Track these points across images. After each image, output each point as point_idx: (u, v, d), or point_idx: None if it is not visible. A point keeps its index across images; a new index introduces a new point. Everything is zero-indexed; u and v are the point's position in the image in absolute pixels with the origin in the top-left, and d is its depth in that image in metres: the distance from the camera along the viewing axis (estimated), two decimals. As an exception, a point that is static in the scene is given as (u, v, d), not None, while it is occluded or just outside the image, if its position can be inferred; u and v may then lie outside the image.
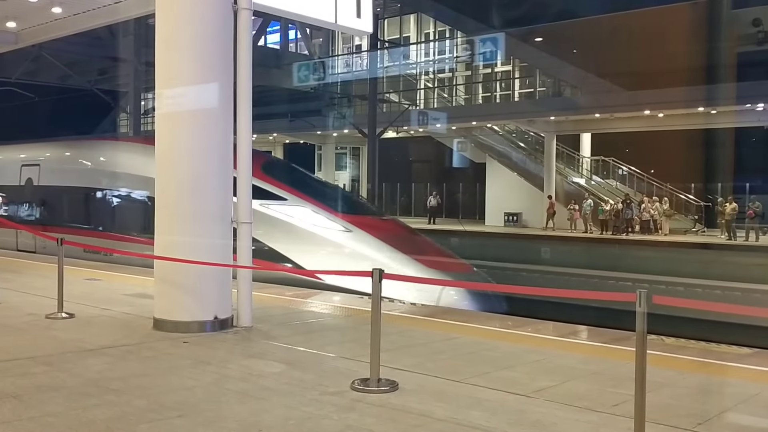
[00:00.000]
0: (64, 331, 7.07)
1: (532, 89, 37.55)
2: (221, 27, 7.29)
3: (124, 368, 5.66)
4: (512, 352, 6.42)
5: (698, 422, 4.50)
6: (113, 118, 34.58)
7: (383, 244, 11.98)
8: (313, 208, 12.48)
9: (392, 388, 5.11)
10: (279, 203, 12.29)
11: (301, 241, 11.93)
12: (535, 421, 4.46)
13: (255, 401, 4.80)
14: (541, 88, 36.80)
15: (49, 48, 22.74)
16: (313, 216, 12.33)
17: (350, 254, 11.77)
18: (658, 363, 5.83)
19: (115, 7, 11.61)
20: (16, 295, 9.29)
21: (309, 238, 11.96)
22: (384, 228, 13.10)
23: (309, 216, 12.30)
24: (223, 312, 7.30)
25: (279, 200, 12.34)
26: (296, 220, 12.17)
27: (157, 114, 7.47)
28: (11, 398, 4.74)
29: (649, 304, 3.98)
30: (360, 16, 10.19)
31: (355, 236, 12.09)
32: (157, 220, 7.39)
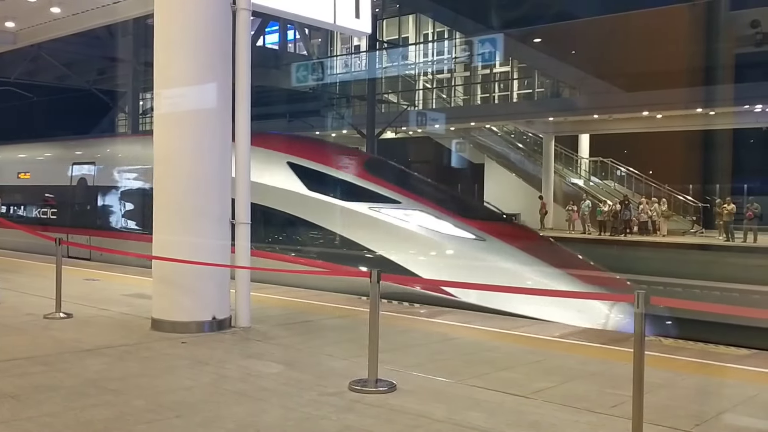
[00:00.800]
0: (62, 331, 7.06)
1: (531, 90, 37.59)
2: (220, 27, 7.28)
3: (122, 368, 5.65)
4: (511, 353, 6.42)
5: (696, 423, 4.50)
6: (112, 118, 34.57)
7: (528, 256, 10.30)
8: (435, 212, 10.84)
9: (390, 388, 5.11)
10: (391, 207, 10.85)
11: (424, 250, 10.34)
12: (534, 422, 4.46)
13: (253, 402, 4.80)
14: (539, 89, 36.84)
15: (47, 48, 22.72)
16: (436, 222, 10.65)
17: (490, 268, 9.83)
18: (657, 364, 5.83)
19: (114, 7, 11.61)
20: (15, 295, 9.28)
21: (433, 248, 10.35)
22: (522, 236, 11.55)
23: (431, 222, 10.64)
24: (221, 312, 7.29)
25: (390, 203, 10.93)
26: (416, 227, 10.56)
27: (156, 114, 7.47)
28: (9, 398, 4.74)
29: (647, 305, 3.99)
30: (359, 17, 10.19)
31: (491, 246, 10.38)
32: (156, 220, 7.38)
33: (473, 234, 10.43)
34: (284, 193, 11.46)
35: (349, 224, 10.89)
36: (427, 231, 10.47)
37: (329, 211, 11.14)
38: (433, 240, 10.40)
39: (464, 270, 9.77)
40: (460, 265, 10.02)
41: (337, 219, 11.06)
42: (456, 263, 10.15)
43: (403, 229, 10.54)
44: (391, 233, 10.56)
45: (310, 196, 11.33)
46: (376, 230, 10.52)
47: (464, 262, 10.07)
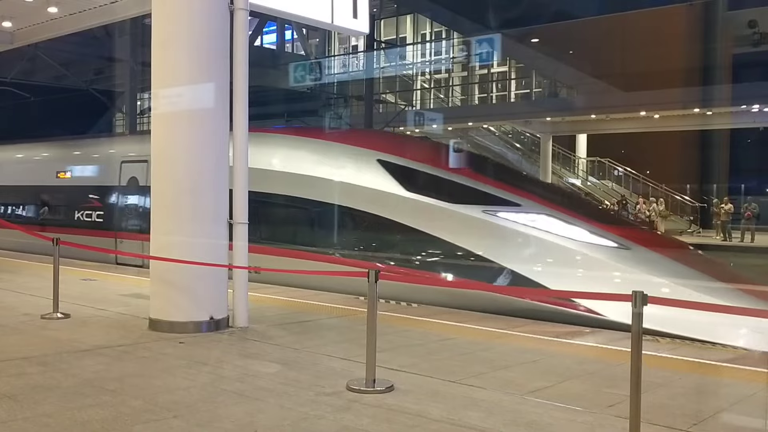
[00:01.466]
0: (59, 332, 7.06)
1: (528, 90, 37.61)
2: (218, 27, 7.29)
3: (119, 368, 5.65)
4: (508, 353, 6.43)
5: (693, 422, 4.51)
6: (109, 118, 34.54)
7: (687, 269, 8.75)
8: (564, 216, 9.42)
9: (388, 388, 5.12)
10: (510, 210, 9.53)
11: (555, 260, 8.93)
12: (531, 422, 4.47)
13: (251, 401, 4.80)
14: (537, 89, 36.86)
15: (45, 48, 22.69)
16: (568, 228, 9.20)
17: (642, 283, 7.77)
18: (654, 363, 5.85)
19: (112, 7, 11.61)
20: (12, 295, 9.27)
21: (567, 258, 8.91)
22: (670, 245, 10.11)
23: (562, 228, 9.21)
24: (219, 312, 7.29)
25: (510, 206, 9.61)
26: (544, 233, 9.12)
27: (154, 114, 7.47)
28: (7, 398, 4.74)
29: (645, 304, 4.00)
30: (356, 17, 10.20)
31: (639, 257, 8.86)
32: (153, 220, 7.39)
33: (614, 242, 8.99)
34: (375, 195, 10.27)
35: (458, 229, 9.55)
36: (557, 238, 9.04)
37: (431, 215, 9.79)
38: (567, 248, 8.92)
39: (609, 284, 8.34)
40: (604, 278, 8.53)
41: (442, 223, 9.67)
42: (597, 275, 8.63)
43: (528, 235, 9.18)
44: (513, 240, 9.25)
45: (408, 198, 10.04)
46: (493, 237, 9.29)
47: (607, 274, 8.59)
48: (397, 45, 37.77)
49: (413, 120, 33.77)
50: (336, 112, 34.54)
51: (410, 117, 34.02)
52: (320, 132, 15.42)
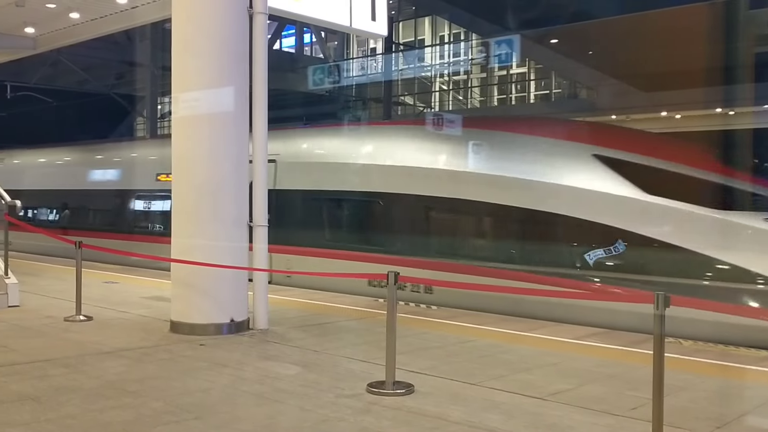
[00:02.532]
0: (81, 334, 7.12)
1: (548, 91, 37.43)
2: (237, 31, 7.33)
3: (140, 370, 5.69)
4: (528, 355, 6.40)
5: (717, 426, 4.46)
6: (130, 121, 34.84)
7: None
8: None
9: (408, 390, 5.11)
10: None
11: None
12: (552, 425, 4.44)
13: (271, 403, 4.82)
14: (556, 90, 36.68)
15: (67, 53, 22.95)
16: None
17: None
18: (676, 366, 5.79)
19: (132, 12, 11.71)
20: (36, 298, 9.37)
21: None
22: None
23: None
24: (239, 315, 7.33)
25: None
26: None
27: (174, 118, 7.52)
28: (30, 400, 4.79)
29: (667, 306, 3.96)
30: (375, 19, 10.22)
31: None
32: (174, 224, 7.44)
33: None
34: (596, 198, 8.44)
35: (732, 244, 7.72)
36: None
37: (686, 224, 7.97)
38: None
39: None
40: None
41: (704, 235, 7.83)
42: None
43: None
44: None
45: (649, 202, 8.13)
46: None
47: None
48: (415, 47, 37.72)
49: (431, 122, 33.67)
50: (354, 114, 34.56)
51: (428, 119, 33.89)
52: (507, 122, 11.93)
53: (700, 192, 8.23)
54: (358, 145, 11.67)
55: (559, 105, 33.45)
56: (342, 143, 11.99)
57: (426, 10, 38.20)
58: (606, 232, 8.23)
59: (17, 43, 13.87)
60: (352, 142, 11.86)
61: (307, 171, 11.68)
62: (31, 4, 11.25)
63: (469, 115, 24.10)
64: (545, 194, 8.79)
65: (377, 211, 10.91)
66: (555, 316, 7.99)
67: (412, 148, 10.72)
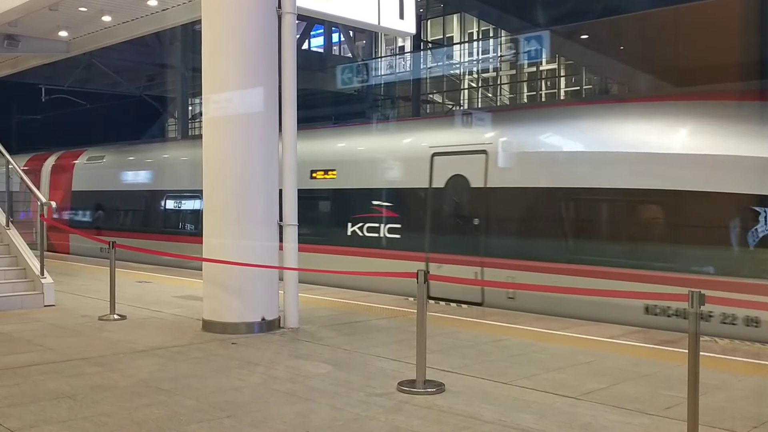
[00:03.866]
0: (116, 333, 7.22)
1: (578, 87, 37.08)
2: (266, 31, 7.37)
3: (174, 369, 5.75)
4: (561, 354, 6.34)
5: (754, 425, 4.38)
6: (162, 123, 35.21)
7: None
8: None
9: (439, 389, 5.09)
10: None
11: None
12: (585, 424, 4.40)
13: (302, 402, 4.83)
14: (587, 86, 36.32)
15: (99, 56, 23.26)
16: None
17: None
18: (711, 365, 5.70)
19: (163, 15, 11.82)
20: (71, 297, 9.52)
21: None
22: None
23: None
24: (270, 313, 7.37)
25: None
26: None
27: (204, 119, 7.59)
28: (67, 398, 4.86)
29: (702, 304, 3.90)
30: (403, 18, 10.20)
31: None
32: (205, 223, 7.50)
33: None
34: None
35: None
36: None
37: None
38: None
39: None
40: None
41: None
42: None
43: None
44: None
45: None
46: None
47: None
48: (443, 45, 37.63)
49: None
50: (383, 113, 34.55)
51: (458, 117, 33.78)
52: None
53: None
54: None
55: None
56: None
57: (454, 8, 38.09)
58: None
59: (51, 46, 14.08)
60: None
61: (543, 163, 9.21)
62: (64, 8, 11.41)
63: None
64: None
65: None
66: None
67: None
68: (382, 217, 10.86)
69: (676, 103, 8.78)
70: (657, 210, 8.37)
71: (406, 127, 12.57)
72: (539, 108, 12.40)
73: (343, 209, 11.52)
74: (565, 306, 8.16)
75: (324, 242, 11.17)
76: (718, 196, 7.56)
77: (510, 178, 9.42)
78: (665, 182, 7.96)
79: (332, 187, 11.73)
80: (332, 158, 11.94)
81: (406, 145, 11.19)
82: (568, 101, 15.32)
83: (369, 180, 11.24)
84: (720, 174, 7.62)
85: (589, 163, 8.67)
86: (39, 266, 9.05)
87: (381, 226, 10.85)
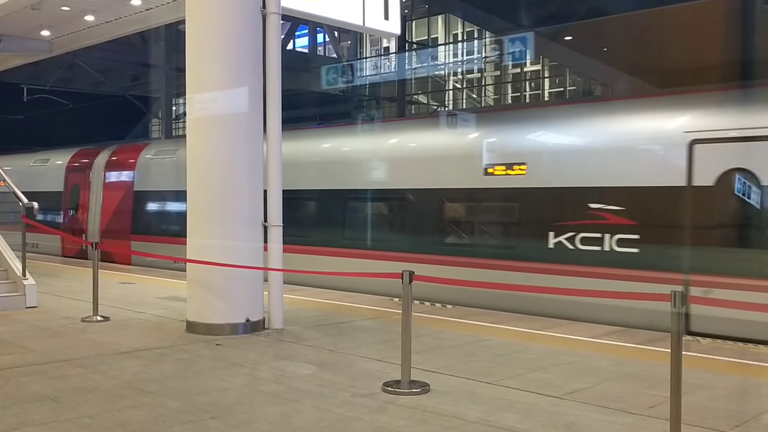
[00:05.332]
0: (99, 334, 7.17)
1: (563, 88, 37.27)
2: (250, 31, 7.35)
3: (158, 370, 5.72)
4: (545, 354, 6.37)
5: (736, 424, 4.42)
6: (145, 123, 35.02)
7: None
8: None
9: (423, 390, 5.10)
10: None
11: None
12: (569, 423, 4.42)
13: (287, 403, 4.83)
14: (571, 87, 36.50)
15: (82, 56, 23.11)
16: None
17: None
18: (694, 364, 5.75)
19: (146, 14, 11.77)
20: (53, 298, 9.44)
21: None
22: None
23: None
24: (254, 314, 7.35)
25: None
26: None
27: (188, 119, 7.56)
28: (49, 400, 4.83)
29: (684, 304, 3.93)
30: (388, 18, 10.22)
31: None
32: (189, 224, 7.47)
33: None
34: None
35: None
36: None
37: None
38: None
39: None
40: None
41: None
42: None
43: None
44: None
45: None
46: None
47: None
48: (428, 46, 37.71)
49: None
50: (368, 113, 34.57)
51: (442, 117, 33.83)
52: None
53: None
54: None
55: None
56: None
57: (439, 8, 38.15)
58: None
59: (34, 46, 13.99)
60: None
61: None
62: (46, 7, 11.34)
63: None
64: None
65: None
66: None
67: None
68: (607, 225, 8.26)
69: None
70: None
71: (643, 105, 9.12)
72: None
73: (539, 214, 8.94)
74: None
75: (505, 255, 9.05)
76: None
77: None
78: None
79: (521, 185, 9.09)
80: (519, 149, 9.25)
81: (641, 130, 8.39)
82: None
83: (580, 177, 8.59)
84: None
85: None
86: (21, 267, 8.98)
87: (606, 237, 8.26)
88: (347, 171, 11.20)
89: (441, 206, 10.05)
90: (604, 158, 8.43)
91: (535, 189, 8.95)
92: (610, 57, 24.91)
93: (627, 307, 7.50)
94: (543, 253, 8.65)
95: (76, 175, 17.35)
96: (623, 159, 8.29)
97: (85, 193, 16.75)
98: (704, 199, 7.65)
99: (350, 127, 13.88)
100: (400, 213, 10.81)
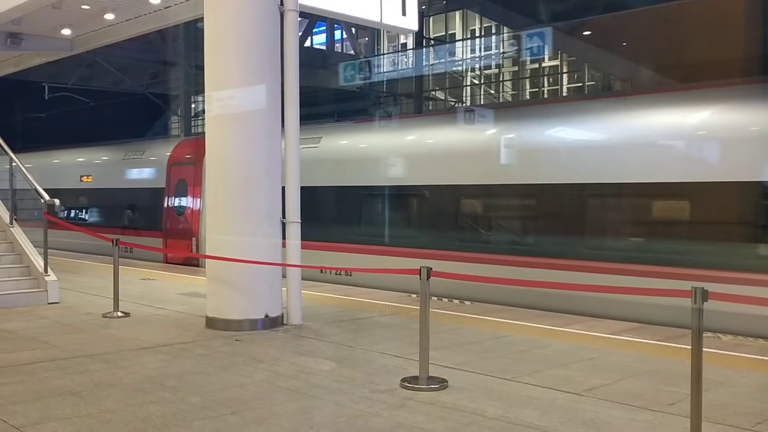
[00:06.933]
0: (120, 330, 7.24)
1: (581, 83, 37.01)
2: (268, 29, 7.37)
3: (178, 366, 5.76)
4: (564, 350, 6.35)
5: (757, 421, 4.38)
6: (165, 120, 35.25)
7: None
8: None
9: (442, 386, 5.10)
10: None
11: None
12: (588, 420, 4.40)
13: (306, 398, 4.85)
14: (590, 82, 36.25)
15: (102, 54, 23.29)
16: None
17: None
18: (715, 361, 5.70)
19: (165, 12, 11.83)
20: (75, 295, 9.54)
21: None
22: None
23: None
24: (273, 310, 7.39)
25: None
26: None
27: (207, 116, 7.60)
28: (71, 395, 4.88)
29: (705, 300, 3.90)
30: (405, 14, 10.21)
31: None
32: (209, 221, 7.52)
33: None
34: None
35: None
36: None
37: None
38: None
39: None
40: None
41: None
42: None
43: None
44: None
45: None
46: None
47: None
48: (446, 41, 37.58)
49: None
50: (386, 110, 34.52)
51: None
52: None
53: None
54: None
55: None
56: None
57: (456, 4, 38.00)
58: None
59: (54, 45, 14.10)
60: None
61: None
62: (67, 6, 11.42)
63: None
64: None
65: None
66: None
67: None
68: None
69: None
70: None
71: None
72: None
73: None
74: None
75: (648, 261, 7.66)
76: None
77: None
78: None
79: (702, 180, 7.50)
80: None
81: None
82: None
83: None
84: None
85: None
86: (43, 264, 9.08)
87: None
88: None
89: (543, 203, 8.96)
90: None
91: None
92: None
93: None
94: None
95: (181, 169, 14.60)
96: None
97: (193, 190, 13.97)
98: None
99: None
100: (438, 208, 10.27)
